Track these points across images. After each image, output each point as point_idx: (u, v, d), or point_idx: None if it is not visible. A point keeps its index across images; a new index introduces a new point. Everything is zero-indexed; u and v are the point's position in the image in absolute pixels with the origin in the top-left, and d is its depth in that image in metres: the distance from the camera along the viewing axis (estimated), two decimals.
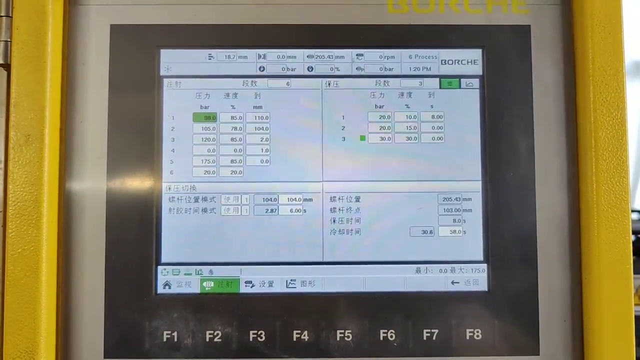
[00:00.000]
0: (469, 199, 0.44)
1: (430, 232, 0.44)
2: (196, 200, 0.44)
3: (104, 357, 0.42)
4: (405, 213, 0.44)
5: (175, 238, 0.44)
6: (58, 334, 0.42)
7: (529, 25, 0.44)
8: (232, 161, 0.44)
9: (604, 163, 0.42)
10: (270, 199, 0.44)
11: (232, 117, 0.44)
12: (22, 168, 0.41)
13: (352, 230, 0.44)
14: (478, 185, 0.44)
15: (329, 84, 0.45)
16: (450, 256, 0.44)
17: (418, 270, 0.44)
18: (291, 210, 0.44)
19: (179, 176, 0.44)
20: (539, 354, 0.43)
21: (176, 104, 0.44)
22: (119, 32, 0.44)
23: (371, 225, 0.44)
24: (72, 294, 0.43)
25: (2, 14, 0.42)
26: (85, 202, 0.43)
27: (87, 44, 0.44)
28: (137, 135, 0.44)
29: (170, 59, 0.44)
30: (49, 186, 0.42)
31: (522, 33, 0.44)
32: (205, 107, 0.44)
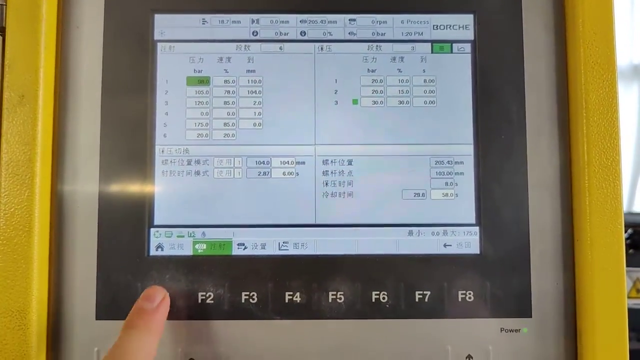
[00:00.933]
0: (461, 163, 0.44)
1: (423, 195, 0.44)
2: (189, 163, 0.44)
3: (96, 318, 0.42)
4: (397, 176, 0.44)
5: (168, 200, 0.44)
6: (50, 294, 0.42)
7: None
8: (225, 124, 0.44)
9: (595, 125, 0.42)
10: (263, 162, 0.44)
11: (225, 81, 0.45)
12: (16, 128, 0.42)
13: (344, 193, 0.44)
14: (470, 148, 0.44)
15: (322, 49, 0.45)
16: (443, 219, 0.44)
17: (410, 233, 0.44)
18: (284, 174, 0.44)
19: (172, 139, 0.44)
20: (531, 316, 0.43)
21: (170, 68, 0.45)
22: None
23: (363, 188, 0.44)
24: (64, 254, 0.43)
25: None
26: (78, 164, 0.43)
27: (81, 7, 0.44)
28: (130, 98, 0.44)
29: (164, 24, 0.45)
30: (42, 146, 0.42)
31: None
32: (199, 71, 0.45)
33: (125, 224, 0.43)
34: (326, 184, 0.44)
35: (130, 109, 0.44)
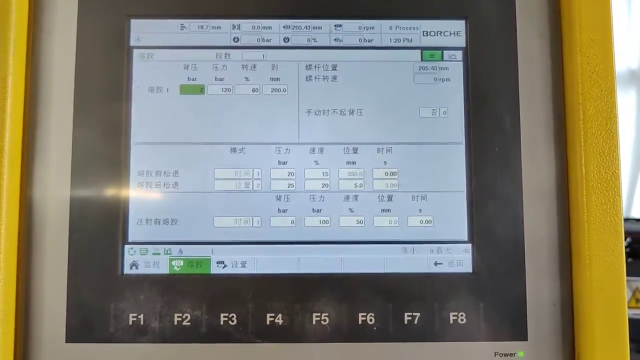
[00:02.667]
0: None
1: None
2: (166, 175, 0.42)
3: (66, 342, 0.40)
4: None
5: (143, 216, 0.41)
6: (17, 315, 0.40)
7: None
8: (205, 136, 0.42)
9: (593, 137, 0.40)
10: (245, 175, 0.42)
11: (224, 89, 0.42)
12: None
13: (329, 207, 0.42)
14: (462, 160, 0.42)
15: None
16: (433, 236, 0.42)
17: (404, 251, 0.41)
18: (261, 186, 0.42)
19: (148, 151, 0.42)
20: (527, 339, 0.41)
21: (146, 75, 0.42)
22: (87, 0, 0.42)
23: (349, 203, 0.42)
24: (32, 273, 0.40)
25: None
26: (48, 178, 0.41)
27: (53, 12, 0.42)
28: (105, 108, 0.42)
29: (141, 29, 0.43)
30: (9, 159, 0.40)
31: (506, 3, 0.42)
32: (193, 79, 0.42)
33: (98, 241, 0.41)
34: (313, 198, 0.42)
35: (104, 117, 0.42)
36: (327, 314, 0.41)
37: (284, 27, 0.43)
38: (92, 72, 0.42)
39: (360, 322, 0.40)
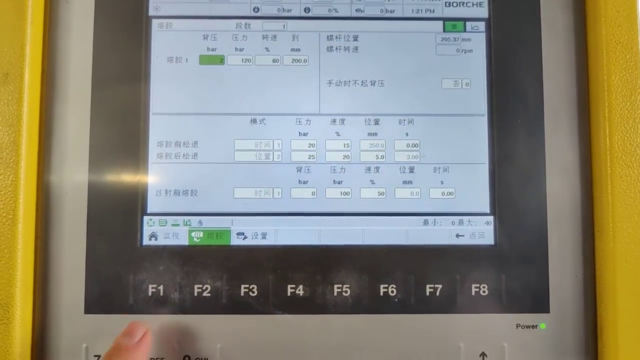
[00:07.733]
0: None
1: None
2: (185, 145, 0.41)
3: (85, 312, 0.40)
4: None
5: (162, 186, 0.41)
6: (35, 286, 0.40)
7: None
8: (224, 107, 0.42)
9: (617, 108, 0.40)
10: (266, 145, 0.41)
11: (244, 60, 0.42)
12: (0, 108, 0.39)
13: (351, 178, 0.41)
14: (484, 133, 0.42)
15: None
16: (454, 208, 0.41)
17: (425, 223, 0.41)
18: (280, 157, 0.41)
19: (167, 122, 0.41)
20: (549, 312, 0.40)
21: (165, 45, 0.42)
22: None
23: (370, 174, 0.41)
24: (51, 244, 0.40)
25: None
26: (66, 146, 0.41)
27: None
28: (123, 78, 0.41)
29: None
30: (28, 128, 0.39)
31: None
32: (213, 49, 0.42)
33: (117, 211, 0.40)
34: (333, 170, 0.41)
35: (123, 89, 0.41)
36: (348, 286, 0.40)
37: None
38: (110, 42, 0.41)
39: (381, 294, 0.40)
